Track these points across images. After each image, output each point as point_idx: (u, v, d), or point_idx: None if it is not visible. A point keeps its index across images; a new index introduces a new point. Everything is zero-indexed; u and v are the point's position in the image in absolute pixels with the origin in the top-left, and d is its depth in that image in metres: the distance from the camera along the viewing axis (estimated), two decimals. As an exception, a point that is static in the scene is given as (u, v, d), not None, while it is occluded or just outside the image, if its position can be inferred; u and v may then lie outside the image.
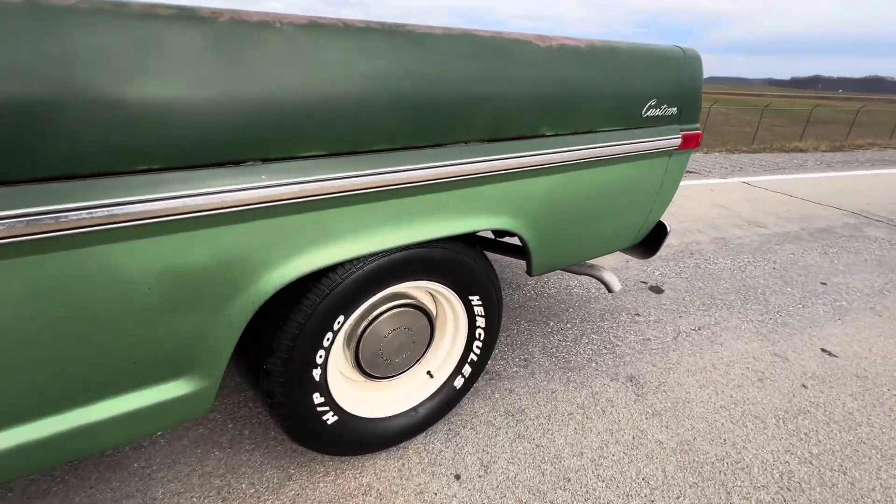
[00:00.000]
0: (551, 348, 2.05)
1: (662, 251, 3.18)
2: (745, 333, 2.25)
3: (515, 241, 1.73)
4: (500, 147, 1.15)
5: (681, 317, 2.37)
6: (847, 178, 5.99)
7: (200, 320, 0.91)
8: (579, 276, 2.74)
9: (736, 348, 2.13)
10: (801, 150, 8.45)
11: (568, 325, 2.25)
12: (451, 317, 1.48)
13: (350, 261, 1.09)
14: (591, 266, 2.02)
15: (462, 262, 1.30)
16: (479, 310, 1.44)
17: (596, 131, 1.34)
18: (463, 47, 1.03)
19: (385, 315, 1.30)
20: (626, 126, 1.42)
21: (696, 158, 7.05)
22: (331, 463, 1.43)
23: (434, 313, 1.46)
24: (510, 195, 1.24)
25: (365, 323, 1.28)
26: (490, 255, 3.00)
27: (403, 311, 1.33)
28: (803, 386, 1.89)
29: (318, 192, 0.90)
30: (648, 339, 2.17)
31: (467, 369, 1.54)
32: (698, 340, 2.17)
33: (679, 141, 1.58)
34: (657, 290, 2.65)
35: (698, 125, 1.66)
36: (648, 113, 1.45)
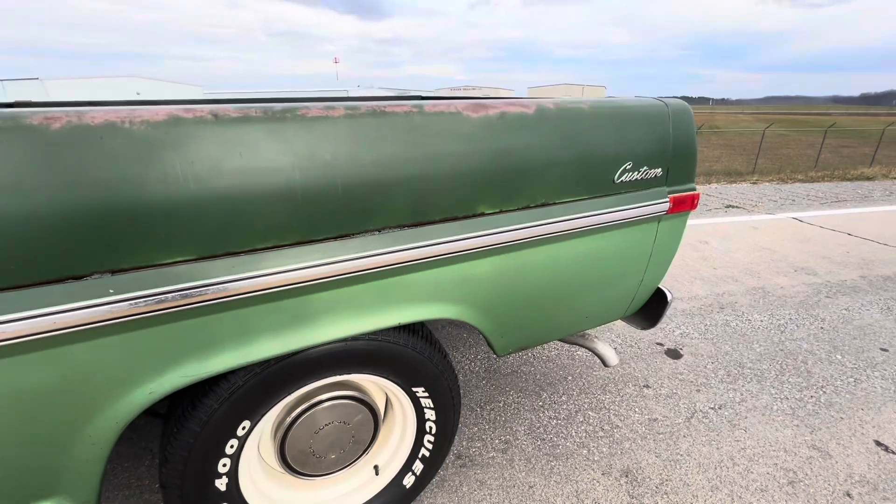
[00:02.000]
0: (539, 428, 1.82)
1: (671, 315, 2.85)
2: (776, 416, 1.91)
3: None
4: (426, 232, 1.00)
5: (699, 390, 2.06)
6: (923, 212, 5.28)
7: (53, 442, 0.81)
8: (586, 335, 2.48)
9: (763, 436, 1.79)
10: (868, 178, 7.63)
11: (563, 397, 2.00)
12: (399, 408, 1.31)
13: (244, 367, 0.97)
14: (582, 336, 1.79)
15: (395, 352, 1.14)
16: (426, 402, 1.27)
17: (552, 203, 1.17)
18: (368, 127, 0.92)
19: (319, 407, 1.16)
20: (593, 194, 1.23)
21: (742, 190, 6.52)
22: (261, 569, 1.28)
23: (377, 405, 1.30)
24: (444, 282, 1.08)
25: (294, 414, 1.15)
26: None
27: (340, 403, 1.19)
28: (847, 495, 1.53)
29: (184, 302, 0.80)
30: (656, 419, 1.88)
31: (418, 466, 1.35)
32: (716, 423, 1.86)
33: (667, 205, 1.36)
34: (675, 354, 2.34)
35: (693, 185, 1.44)
36: (623, 178, 1.26)
